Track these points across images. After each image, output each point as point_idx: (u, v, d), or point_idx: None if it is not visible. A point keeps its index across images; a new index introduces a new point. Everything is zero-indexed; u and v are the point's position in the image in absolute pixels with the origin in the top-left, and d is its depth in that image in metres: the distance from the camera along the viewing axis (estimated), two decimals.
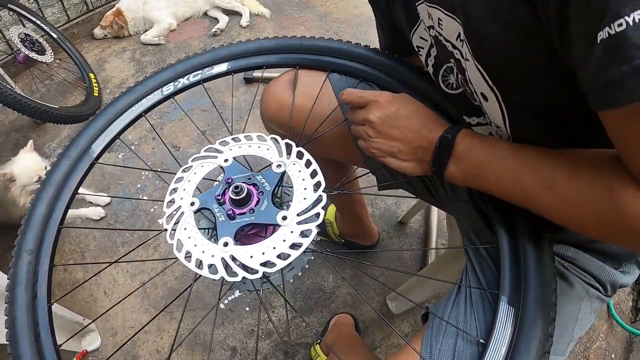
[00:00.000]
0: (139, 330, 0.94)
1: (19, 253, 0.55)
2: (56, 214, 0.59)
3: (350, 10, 2.39)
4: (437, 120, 0.54)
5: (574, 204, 0.41)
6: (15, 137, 1.71)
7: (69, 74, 1.89)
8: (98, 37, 2.16)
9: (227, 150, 0.56)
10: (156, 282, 1.26)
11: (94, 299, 1.24)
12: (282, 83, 0.76)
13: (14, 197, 1.20)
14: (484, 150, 0.48)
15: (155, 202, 1.45)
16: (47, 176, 0.62)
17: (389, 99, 0.55)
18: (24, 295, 0.51)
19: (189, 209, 0.50)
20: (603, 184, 0.38)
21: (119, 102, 0.70)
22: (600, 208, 0.38)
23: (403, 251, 1.34)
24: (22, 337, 0.49)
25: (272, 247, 0.45)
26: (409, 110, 0.55)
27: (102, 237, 1.37)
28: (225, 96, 1.82)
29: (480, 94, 0.49)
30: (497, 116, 0.49)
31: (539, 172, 0.44)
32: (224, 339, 1.16)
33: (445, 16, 0.48)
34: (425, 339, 0.52)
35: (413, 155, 0.54)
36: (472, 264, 0.56)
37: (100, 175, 1.53)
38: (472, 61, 0.46)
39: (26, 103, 1.39)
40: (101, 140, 0.66)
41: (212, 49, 0.74)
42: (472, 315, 0.51)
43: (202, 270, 0.45)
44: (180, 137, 1.66)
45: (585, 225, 0.41)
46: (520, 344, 0.43)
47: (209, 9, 2.32)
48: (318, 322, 1.20)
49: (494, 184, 0.48)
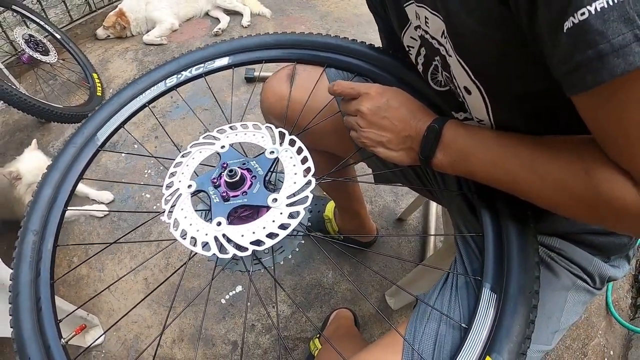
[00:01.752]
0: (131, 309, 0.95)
1: (24, 233, 0.57)
2: (61, 196, 0.61)
3: (351, 10, 2.41)
4: (426, 111, 0.56)
5: (554, 186, 0.43)
6: (20, 136, 1.73)
7: (72, 74, 1.91)
8: (101, 38, 2.19)
9: (224, 138, 0.59)
10: (159, 278, 1.28)
11: (98, 296, 1.26)
12: (281, 77, 0.80)
13: (19, 194, 1.22)
14: (469, 138, 0.50)
15: (158, 201, 1.47)
16: (53, 161, 0.65)
17: (380, 91, 0.57)
18: (28, 272, 0.54)
19: (186, 191, 0.53)
20: (580, 166, 0.40)
21: (123, 93, 0.72)
22: (578, 188, 0.40)
23: (401, 247, 1.36)
24: (24, 311, 0.51)
25: (262, 227, 0.48)
26: (398, 101, 0.56)
27: (105, 234, 1.39)
28: (226, 95, 1.84)
29: (463, 88, 0.51)
30: (481, 109, 0.51)
31: (521, 157, 0.45)
32: (225, 333, 1.18)
33: (430, 14, 0.50)
34: (410, 324, 0.54)
35: (402, 145, 0.56)
36: (460, 253, 0.58)
37: (103, 174, 1.55)
38: (455, 56, 0.48)
39: (30, 103, 1.41)
40: (106, 129, 0.69)
41: (214, 44, 0.77)
42: (456, 302, 0.53)
43: (196, 247, 0.48)
44: (182, 135, 1.69)
45: (567, 206, 0.43)
46: (502, 329, 0.45)
47: (211, 9, 2.34)
48: (317, 318, 1.22)
49: (479, 170, 0.50)
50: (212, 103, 1.80)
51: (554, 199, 0.44)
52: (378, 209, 1.45)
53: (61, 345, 0.50)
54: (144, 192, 1.50)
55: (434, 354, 0.50)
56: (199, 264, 1.32)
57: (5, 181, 1.22)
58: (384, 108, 0.56)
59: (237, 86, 1.88)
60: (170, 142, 1.66)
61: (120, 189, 1.51)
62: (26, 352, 0.49)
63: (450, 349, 0.49)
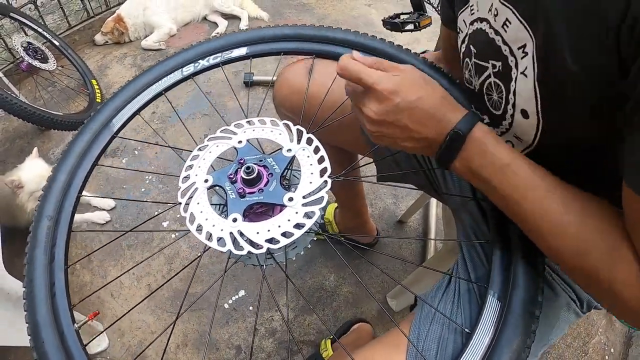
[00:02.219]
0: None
1: (39, 218, 0.57)
2: (76, 182, 0.61)
3: (348, 12, 2.42)
4: (448, 107, 0.48)
5: (576, 248, 0.41)
6: (20, 144, 1.74)
7: (71, 80, 1.91)
8: (99, 44, 2.19)
9: (241, 133, 0.58)
10: (161, 284, 1.29)
11: (101, 301, 1.26)
12: (297, 69, 0.79)
13: (21, 202, 1.22)
14: (495, 161, 0.45)
15: (159, 206, 1.48)
16: (68, 147, 0.64)
17: (390, 89, 0.47)
18: (42, 257, 0.54)
19: (203, 185, 0.53)
20: (607, 243, 0.39)
21: (139, 80, 0.72)
22: (596, 261, 0.40)
23: (402, 249, 1.37)
24: (39, 296, 0.51)
25: (277, 226, 0.48)
26: (412, 100, 0.47)
27: (107, 240, 1.40)
28: (226, 99, 1.85)
29: (520, 110, 0.48)
30: (529, 134, 0.49)
31: (551, 209, 0.43)
32: (229, 337, 1.19)
33: (516, 21, 0.45)
34: (414, 324, 0.54)
35: (417, 144, 0.50)
36: (464, 258, 0.59)
37: (104, 180, 1.56)
38: (532, 79, 0.44)
39: (31, 111, 1.42)
40: (121, 116, 0.68)
41: (232, 33, 0.76)
42: (459, 306, 0.54)
43: (211, 242, 0.48)
44: (182, 140, 1.69)
45: (575, 267, 0.42)
46: (504, 337, 0.46)
47: (208, 13, 2.35)
48: (320, 320, 1.23)
49: (496, 198, 0.48)
50: (212, 108, 1.81)
51: (567, 257, 0.42)
52: (378, 211, 1.46)
53: (75, 330, 0.50)
54: (145, 199, 1.51)
55: (437, 356, 0.51)
56: (201, 269, 1.33)
57: (7, 189, 1.22)
58: (394, 111, 0.47)
59: (236, 90, 1.89)
60: (170, 148, 1.66)
61: (120, 195, 1.52)
62: (40, 336, 0.49)
63: (452, 352, 0.50)
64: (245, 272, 1.31)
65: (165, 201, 1.49)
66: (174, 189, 1.53)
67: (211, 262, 1.33)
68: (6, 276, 0.95)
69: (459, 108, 0.48)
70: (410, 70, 0.49)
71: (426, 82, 0.49)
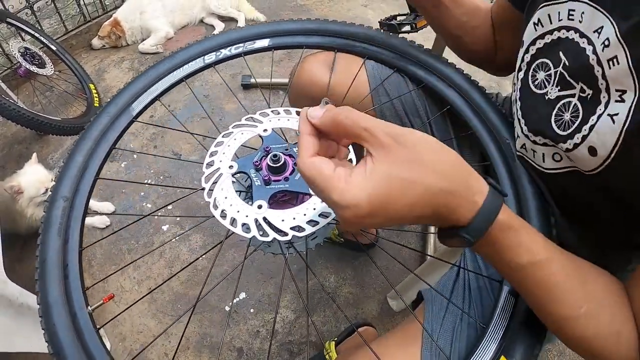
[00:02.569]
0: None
1: (54, 198, 0.56)
2: (94, 164, 0.61)
3: (345, 13, 2.43)
4: (453, 201, 0.35)
5: (583, 332, 0.42)
6: (18, 149, 1.74)
7: (69, 85, 1.91)
8: (96, 48, 2.19)
9: (266, 121, 0.58)
10: (162, 287, 1.29)
11: (103, 306, 1.26)
12: (318, 61, 0.79)
13: (21, 208, 1.23)
14: (504, 264, 0.41)
15: (159, 210, 1.48)
16: (85, 130, 0.64)
17: (365, 212, 0.33)
18: (56, 239, 0.53)
19: (228, 171, 0.53)
20: (614, 328, 0.42)
21: (161, 65, 0.71)
22: (604, 341, 0.42)
23: (403, 249, 1.37)
24: (51, 277, 0.50)
25: (302, 214, 0.48)
26: (403, 215, 0.35)
27: (109, 245, 1.40)
28: (224, 102, 1.85)
29: (589, 147, 0.45)
30: (587, 166, 0.47)
31: (559, 301, 0.42)
32: (230, 340, 1.19)
33: (626, 64, 0.42)
34: (427, 315, 0.55)
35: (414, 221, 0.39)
36: (474, 254, 0.60)
37: (103, 185, 1.56)
38: (620, 127, 0.41)
39: (29, 116, 1.42)
40: (141, 100, 0.68)
41: (255, 24, 0.76)
42: (470, 301, 0.55)
43: (235, 228, 0.48)
44: (182, 144, 1.69)
45: (578, 337, 0.43)
46: (517, 331, 0.48)
47: (205, 16, 2.35)
48: (321, 322, 1.24)
49: (507, 278, 0.46)
50: (210, 111, 1.81)
51: (574, 338, 0.44)
52: None
53: (88, 312, 0.50)
54: (145, 202, 1.51)
55: (451, 347, 0.52)
56: (202, 271, 1.33)
57: (7, 195, 1.22)
58: (373, 219, 0.34)
59: (234, 93, 1.89)
60: (170, 152, 1.67)
61: (120, 200, 1.52)
62: (52, 318, 0.48)
63: (466, 344, 0.51)
64: (246, 274, 1.31)
65: (171, 200, 1.49)
66: (173, 192, 1.53)
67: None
68: (7, 282, 0.96)
69: (471, 198, 0.36)
70: (389, 146, 0.34)
71: (416, 164, 0.34)
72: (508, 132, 0.64)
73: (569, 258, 0.44)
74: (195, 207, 1.47)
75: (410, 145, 0.34)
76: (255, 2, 2.44)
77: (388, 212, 0.33)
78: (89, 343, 0.48)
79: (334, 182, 0.33)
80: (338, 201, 0.33)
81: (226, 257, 1.36)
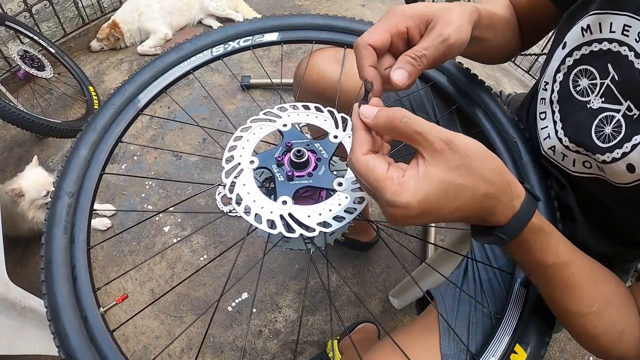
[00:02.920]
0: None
1: (57, 194, 0.53)
2: (99, 159, 0.58)
3: (343, 13, 2.43)
4: (492, 207, 0.37)
5: (592, 330, 0.46)
6: (19, 152, 1.74)
7: (68, 87, 1.91)
8: (95, 50, 2.19)
9: (285, 116, 0.57)
10: (165, 288, 1.29)
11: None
12: (327, 56, 0.78)
13: (22, 211, 1.23)
14: (531, 263, 0.44)
15: (161, 212, 1.49)
16: (89, 122, 0.61)
17: (414, 213, 0.35)
18: (62, 237, 0.51)
19: (249, 167, 0.51)
20: (619, 329, 0.45)
21: (167, 56, 0.69)
22: (608, 344, 0.46)
23: (402, 248, 1.38)
24: (58, 279, 0.48)
25: (328, 210, 0.48)
26: (446, 215, 0.37)
27: (110, 247, 1.40)
28: (224, 103, 1.86)
29: (628, 164, 0.45)
30: (620, 180, 0.47)
31: (575, 299, 0.45)
32: (233, 340, 1.20)
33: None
34: (441, 311, 0.56)
35: None
36: (483, 246, 0.62)
37: (104, 187, 1.56)
38: None
39: (29, 119, 1.42)
40: (148, 92, 0.65)
41: (265, 18, 0.75)
42: (482, 292, 0.56)
43: (261, 224, 0.47)
44: (182, 145, 1.70)
45: (589, 335, 0.47)
46: (530, 321, 0.50)
47: (204, 17, 2.35)
48: (323, 321, 1.24)
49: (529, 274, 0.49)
50: (210, 112, 1.81)
51: (583, 334, 0.47)
52: (378, 210, 1.47)
53: (100, 314, 0.48)
54: (146, 204, 1.51)
55: (469, 336, 0.53)
56: (204, 272, 1.33)
57: (8, 198, 1.23)
58: (420, 219, 0.36)
59: (233, 94, 1.89)
60: (170, 153, 1.67)
61: (121, 201, 1.52)
62: (61, 322, 0.46)
63: (483, 334, 0.53)
64: (248, 274, 1.31)
65: (156, 217, 1.49)
66: (173, 194, 1.53)
67: (213, 266, 1.34)
68: (10, 285, 0.96)
69: (509, 203, 0.38)
70: (443, 152, 0.35)
71: (466, 171, 0.35)
72: (514, 131, 0.65)
73: (586, 260, 0.46)
74: (197, 207, 1.48)
75: (461, 151, 0.35)
76: (253, 3, 2.44)
77: (435, 214, 0.36)
78: (103, 346, 0.46)
79: (388, 182, 0.35)
80: (391, 201, 0.35)
81: (228, 258, 1.36)
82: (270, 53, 2.11)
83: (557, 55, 0.57)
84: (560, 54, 0.56)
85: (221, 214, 1.46)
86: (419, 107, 0.77)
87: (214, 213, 1.45)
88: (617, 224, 0.55)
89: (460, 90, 0.69)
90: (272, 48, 2.00)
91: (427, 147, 0.36)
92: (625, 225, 0.54)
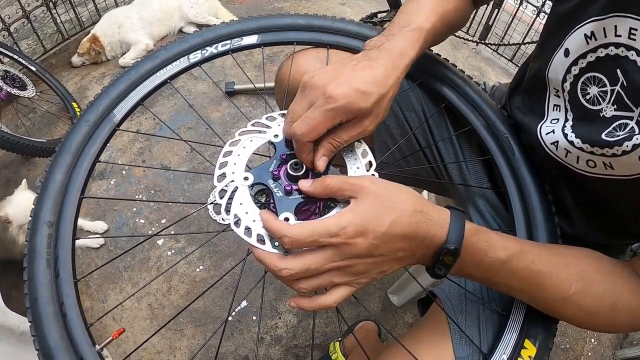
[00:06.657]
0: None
1: (36, 225, 0.49)
2: (77, 182, 0.53)
3: (323, 12, 2.42)
4: (426, 219, 0.42)
5: (584, 312, 0.47)
6: (6, 174, 1.71)
7: (51, 105, 1.88)
8: (76, 65, 2.16)
9: (275, 126, 0.54)
10: (163, 302, 1.29)
11: (104, 326, 1.26)
12: (310, 57, 0.76)
13: (12, 237, 1.22)
14: (489, 266, 0.45)
15: (153, 225, 1.48)
16: (64, 142, 0.56)
17: (354, 232, 0.39)
18: (45, 272, 0.47)
19: (243, 184, 0.48)
20: (610, 301, 0.46)
21: (142, 66, 0.64)
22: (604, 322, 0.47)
23: None
24: (47, 319, 0.45)
25: None
26: (384, 232, 0.40)
27: (105, 264, 1.39)
28: (209, 111, 1.84)
29: None
30: (631, 171, 0.47)
31: (548, 287, 0.46)
32: (235, 349, 1.20)
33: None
34: (448, 311, 0.56)
35: (399, 264, 0.45)
36: None
37: (94, 203, 1.55)
38: None
39: (14, 140, 1.40)
40: (123, 105, 0.61)
41: (243, 20, 0.70)
42: (487, 289, 0.57)
43: (264, 245, 0.44)
44: (170, 156, 1.69)
45: (582, 314, 0.48)
46: (537, 315, 0.51)
47: (184, 25, 2.33)
48: (324, 322, 1.24)
49: (501, 288, 0.50)
50: (196, 121, 1.80)
51: (577, 319, 0.49)
52: None
53: (97, 352, 0.45)
54: (138, 218, 1.50)
55: (480, 335, 0.53)
56: (201, 283, 1.33)
57: None
58: (367, 252, 0.40)
59: (218, 101, 1.88)
60: (158, 164, 1.66)
61: (113, 217, 1.51)
62: None
63: (493, 331, 0.53)
64: (245, 282, 1.31)
65: (149, 230, 1.48)
66: (165, 207, 1.52)
67: (210, 277, 1.34)
68: (7, 311, 0.95)
69: (439, 216, 0.42)
70: (368, 187, 0.41)
71: (390, 196, 0.41)
72: (505, 126, 0.65)
73: (543, 246, 0.47)
74: (189, 219, 1.47)
75: (382, 183, 0.43)
76: (233, 8, 2.43)
77: (378, 229, 0.39)
78: None
79: (330, 219, 0.40)
80: (338, 224, 0.39)
81: (224, 267, 1.36)
82: (253, 57, 2.10)
83: (559, 62, 0.56)
84: (564, 62, 0.55)
85: (219, 232, 1.45)
86: (407, 108, 0.75)
87: (214, 232, 1.43)
88: (617, 216, 0.55)
89: (448, 86, 0.69)
90: (255, 51, 1.99)
91: (355, 189, 0.41)
92: (625, 216, 0.54)
